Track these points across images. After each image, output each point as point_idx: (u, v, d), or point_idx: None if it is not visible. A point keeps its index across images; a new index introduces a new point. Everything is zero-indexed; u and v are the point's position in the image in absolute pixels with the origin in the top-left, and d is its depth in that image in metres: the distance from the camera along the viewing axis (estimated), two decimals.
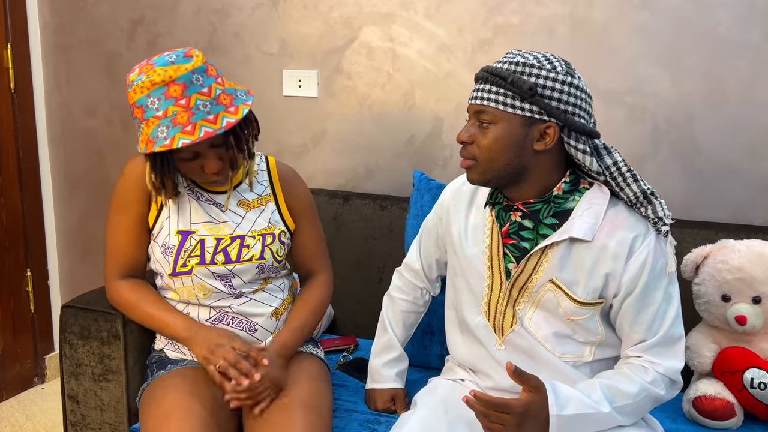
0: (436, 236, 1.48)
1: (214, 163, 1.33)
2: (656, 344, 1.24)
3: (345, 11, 2.09)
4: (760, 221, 1.81)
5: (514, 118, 1.20)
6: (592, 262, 1.23)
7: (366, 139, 2.14)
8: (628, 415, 1.22)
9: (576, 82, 1.21)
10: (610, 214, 1.25)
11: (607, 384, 1.22)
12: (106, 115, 2.44)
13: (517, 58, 1.22)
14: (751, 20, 1.74)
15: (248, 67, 2.23)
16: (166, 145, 1.26)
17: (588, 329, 1.27)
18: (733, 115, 1.80)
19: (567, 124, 1.20)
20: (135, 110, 1.31)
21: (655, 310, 1.23)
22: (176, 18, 2.28)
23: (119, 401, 1.54)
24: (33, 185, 2.51)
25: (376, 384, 1.54)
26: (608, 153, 1.25)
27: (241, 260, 1.43)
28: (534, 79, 1.19)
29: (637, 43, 1.84)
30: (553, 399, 1.16)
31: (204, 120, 1.27)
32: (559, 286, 1.25)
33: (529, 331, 1.29)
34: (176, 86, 1.27)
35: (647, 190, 1.24)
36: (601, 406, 1.19)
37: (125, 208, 1.44)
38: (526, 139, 1.21)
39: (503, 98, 1.20)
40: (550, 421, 1.15)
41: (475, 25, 1.97)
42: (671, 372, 1.24)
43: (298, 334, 1.48)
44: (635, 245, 1.22)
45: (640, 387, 1.22)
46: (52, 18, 2.44)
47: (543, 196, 1.26)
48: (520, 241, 1.28)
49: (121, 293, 1.46)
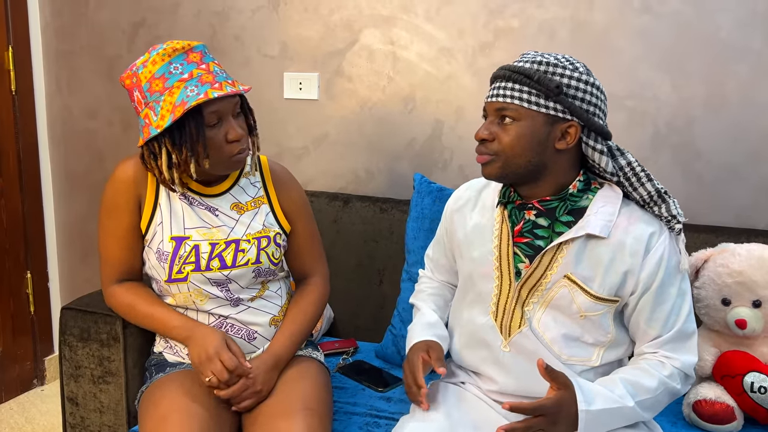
0: (445, 248, 1.50)
1: (237, 130, 1.35)
2: (672, 339, 1.26)
3: (345, 14, 2.09)
4: (762, 225, 1.81)
5: (538, 116, 1.22)
6: (609, 259, 1.24)
7: (366, 142, 2.14)
8: (648, 409, 1.24)
9: (597, 83, 1.24)
10: (624, 212, 1.26)
11: (627, 379, 1.23)
12: (107, 117, 2.45)
13: (538, 57, 1.23)
14: (752, 25, 1.75)
15: (249, 69, 2.23)
16: (201, 98, 1.28)
17: (600, 327, 1.27)
18: (734, 119, 1.80)
19: (588, 124, 1.22)
20: (153, 84, 1.31)
21: (670, 306, 1.25)
22: (177, 21, 2.29)
23: (118, 403, 1.54)
24: (33, 187, 2.51)
25: (411, 342, 1.39)
26: (622, 154, 1.27)
27: (237, 265, 1.42)
28: (559, 78, 1.21)
29: (637, 46, 1.84)
30: (581, 395, 1.17)
31: (226, 82, 1.34)
32: (575, 282, 1.25)
33: (536, 332, 1.29)
34: (195, 53, 1.35)
35: (661, 189, 1.25)
36: (626, 400, 1.20)
37: (115, 213, 1.42)
38: (548, 137, 1.23)
39: (528, 96, 1.21)
40: (579, 416, 1.16)
41: (475, 28, 1.97)
42: (686, 366, 1.26)
43: (292, 341, 1.47)
44: (651, 242, 1.24)
45: (659, 381, 1.23)
46: (53, 20, 2.44)
47: (559, 194, 1.27)
48: (534, 239, 1.29)
49: (117, 297, 1.45)
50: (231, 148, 1.36)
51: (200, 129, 1.31)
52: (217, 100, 1.31)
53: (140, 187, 1.42)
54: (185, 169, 1.35)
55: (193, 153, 1.33)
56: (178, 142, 1.32)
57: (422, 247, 1.77)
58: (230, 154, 1.36)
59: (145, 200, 1.42)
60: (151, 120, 1.33)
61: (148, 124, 1.33)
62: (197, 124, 1.31)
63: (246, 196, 1.49)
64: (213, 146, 1.34)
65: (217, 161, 1.37)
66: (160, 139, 1.33)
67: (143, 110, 1.34)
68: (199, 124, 1.31)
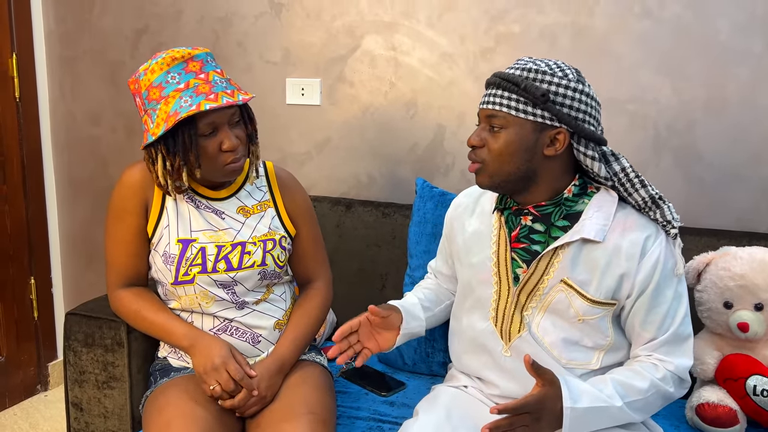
0: (445, 256, 1.51)
1: (232, 140, 1.35)
2: (666, 342, 1.26)
3: (347, 20, 2.11)
4: (764, 228, 1.81)
5: (526, 123, 1.22)
6: (605, 263, 1.25)
7: (369, 147, 2.15)
8: (639, 410, 1.24)
9: (587, 90, 1.24)
10: (619, 216, 1.27)
11: (618, 379, 1.23)
12: (110, 123, 2.46)
13: (529, 64, 1.24)
14: (751, 28, 1.75)
15: (251, 75, 2.24)
16: (193, 110, 1.28)
17: (598, 330, 1.28)
18: (735, 122, 1.80)
19: (577, 130, 1.22)
20: (151, 92, 1.33)
21: (666, 309, 1.25)
22: (180, 27, 2.30)
23: (123, 408, 1.54)
24: (37, 193, 2.52)
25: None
26: (616, 159, 1.27)
27: (243, 267, 1.43)
28: (546, 85, 1.21)
29: (638, 51, 1.85)
30: (567, 392, 1.18)
31: (224, 92, 1.33)
32: (571, 286, 1.26)
33: (536, 337, 1.29)
34: (195, 62, 1.35)
35: (655, 195, 1.26)
36: (614, 400, 1.20)
37: (122, 218, 1.43)
38: (537, 144, 1.23)
39: (515, 103, 1.22)
40: (564, 413, 1.16)
41: (477, 34, 1.98)
42: (680, 370, 1.26)
43: (296, 346, 1.48)
44: (647, 245, 1.24)
45: (650, 383, 1.23)
46: (57, 27, 2.46)
47: (554, 199, 1.28)
48: (531, 244, 1.30)
49: (123, 302, 1.46)
50: (225, 157, 1.37)
51: (193, 139, 1.33)
52: (212, 110, 1.32)
53: (147, 191, 1.43)
54: (178, 177, 1.37)
55: (185, 162, 1.35)
56: (171, 150, 1.34)
57: (424, 251, 1.78)
58: (224, 163, 1.37)
59: (152, 204, 1.43)
60: (148, 127, 1.35)
61: (146, 130, 1.36)
62: (191, 134, 1.33)
63: (252, 199, 1.50)
64: (206, 156, 1.36)
65: (210, 170, 1.38)
66: (157, 145, 1.35)
67: (143, 116, 1.37)
68: (192, 134, 1.33)
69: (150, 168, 1.39)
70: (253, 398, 1.37)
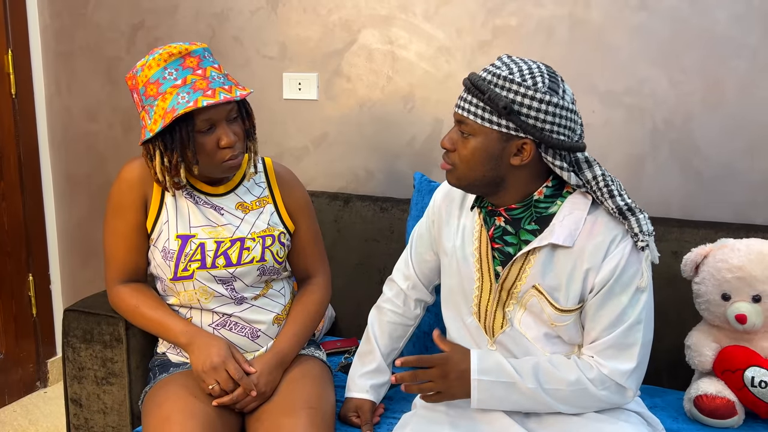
0: (430, 240, 1.46)
1: (230, 136, 1.35)
2: (609, 345, 1.24)
3: (344, 14, 2.10)
4: (760, 220, 1.81)
5: (492, 133, 1.20)
6: (571, 267, 1.24)
7: (366, 141, 2.15)
8: (563, 402, 1.24)
9: (556, 101, 1.17)
10: (590, 219, 1.24)
11: (543, 365, 1.24)
12: (107, 119, 2.45)
13: (499, 70, 1.20)
14: (748, 20, 1.75)
15: (248, 70, 2.24)
16: (190, 107, 1.28)
17: (573, 330, 1.28)
18: (732, 115, 1.80)
19: (544, 141, 1.19)
20: (148, 88, 1.32)
21: (616, 313, 1.23)
22: (176, 22, 2.29)
23: (122, 404, 1.54)
24: (34, 189, 2.52)
25: (347, 392, 1.50)
26: (589, 167, 1.24)
27: (242, 263, 1.43)
28: (512, 95, 1.17)
29: (635, 43, 1.85)
30: (477, 364, 1.23)
31: (221, 88, 1.33)
32: (542, 293, 1.26)
33: (519, 332, 1.30)
34: (192, 58, 1.34)
35: (624, 206, 1.22)
36: (526, 380, 1.22)
37: (121, 213, 1.43)
38: (503, 153, 1.21)
39: (481, 112, 1.20)
40: (472, 384, 1.22)
41: (474, 27, 1.98)
42: (616, 375, 1.23)
43: (296, 341, 1.48)
44: (611, 248, 1.22)
45: (577, 378, 1.23)
46: (53, 22, 2.45)
47: (524, 201, 1.26)
48: (504, 246, 1.29)
49: (122, 298, 1.46)
50: (223, 153, 1.36)
51: (190, 135, 1.33)
52: (209, 107, 1.32)
53: (146, 186, 1.43)
54: (176, 173, 1.37)
55: (182, 158, 1.35)
56: (169, 146, 1.34)
57: None
58: (222, 159, 1.37)
59: (151, 199, 1.43)
60: (146, 123, 1.35)
61: (144, 126, 1.36)
62: (188, 130, 1.32)
63: (251, 195, 1.50)
64: (204, 152, 1.36)
65: (208, 166, 1.38)
66: (154, 142, 1.35)
67: (140, 112, 1.37)
68: (189, 131, 1.32)
69: (148, 164, 1.39)
70: (253, 398, 1.37)
